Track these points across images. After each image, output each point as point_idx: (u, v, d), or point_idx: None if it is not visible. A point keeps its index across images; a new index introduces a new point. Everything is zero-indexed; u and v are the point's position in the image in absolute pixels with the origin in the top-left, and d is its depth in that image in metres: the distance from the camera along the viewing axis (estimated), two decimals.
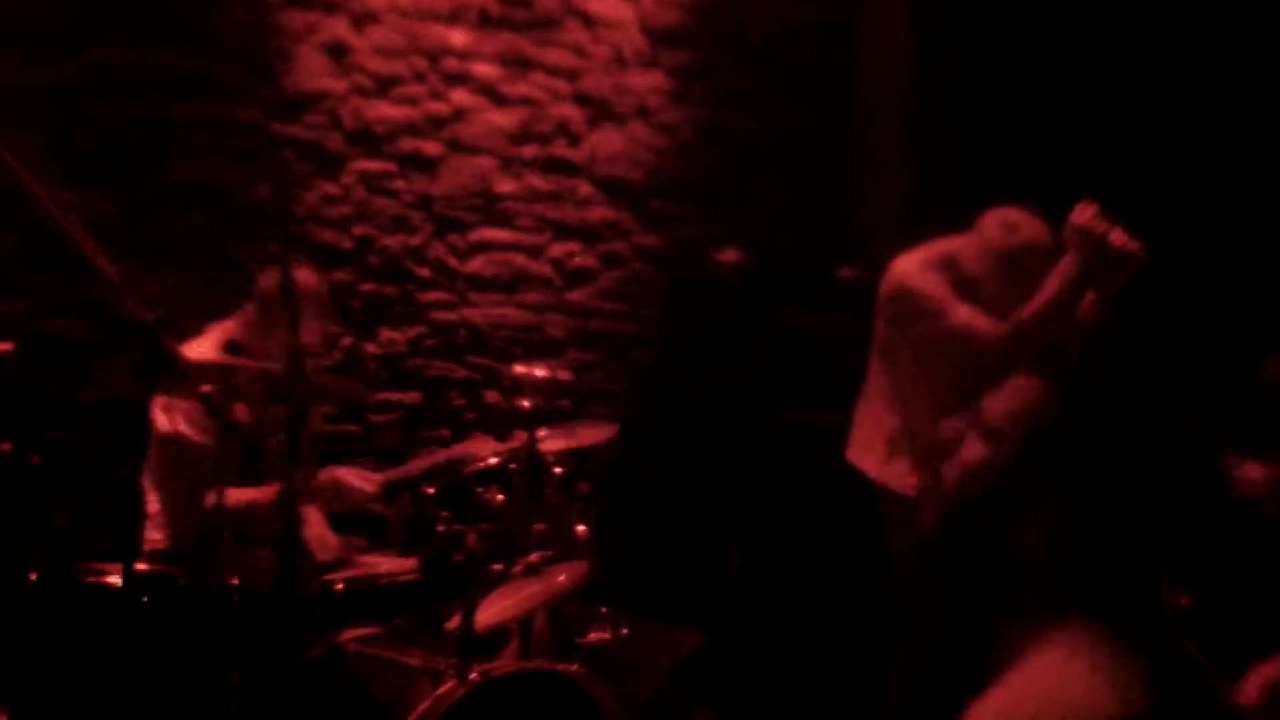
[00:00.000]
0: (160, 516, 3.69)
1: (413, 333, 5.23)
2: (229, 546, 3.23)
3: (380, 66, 5.10)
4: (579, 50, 5.55)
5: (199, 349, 3.77)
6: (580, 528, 3.81)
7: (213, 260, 4.71)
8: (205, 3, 4.74)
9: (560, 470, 3.81)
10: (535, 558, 3.58)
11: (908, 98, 6.05)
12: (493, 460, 3.69)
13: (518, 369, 3.92)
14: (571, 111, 5.55)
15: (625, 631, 4.00)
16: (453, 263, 5.30)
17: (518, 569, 3.53)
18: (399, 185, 5.17)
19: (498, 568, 3.48)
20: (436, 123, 5.24)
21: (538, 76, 5.46)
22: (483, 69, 5.33)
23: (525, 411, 3.78)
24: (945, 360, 3.85)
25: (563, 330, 5.58)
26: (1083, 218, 3.70)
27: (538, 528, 3.67)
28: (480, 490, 3.60)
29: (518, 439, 3.77)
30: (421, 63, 5.19)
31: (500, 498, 3.60)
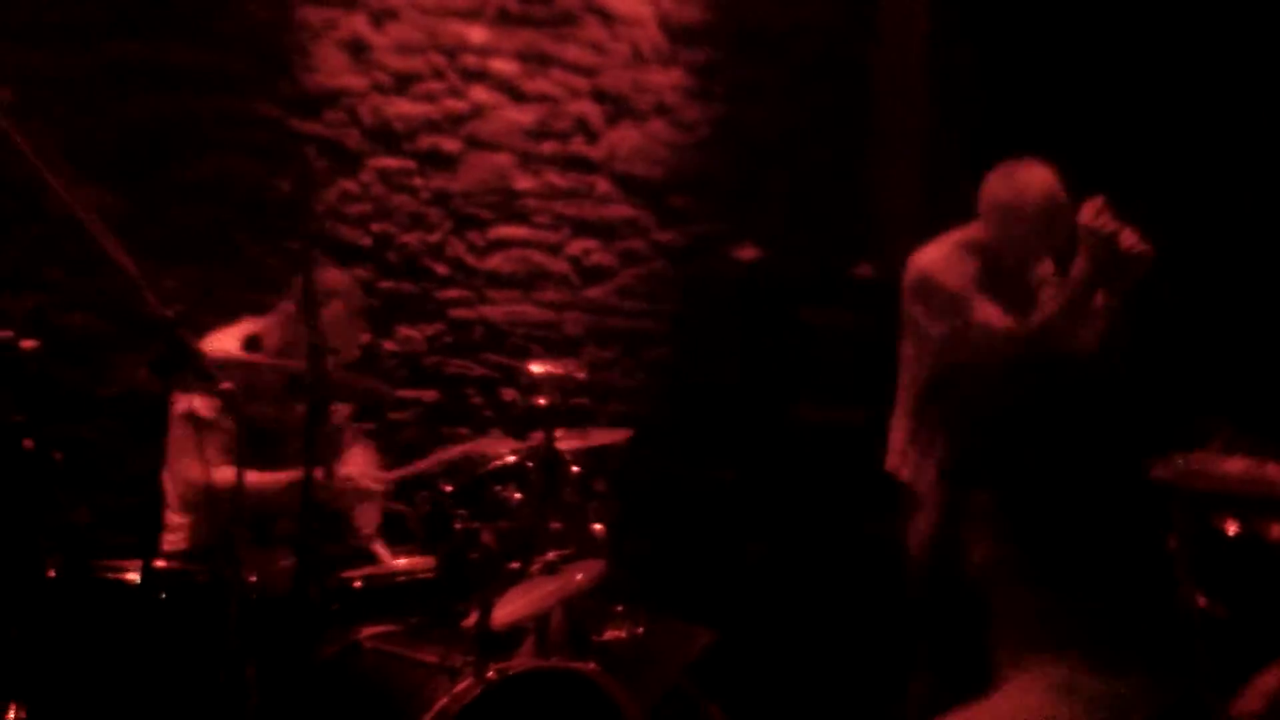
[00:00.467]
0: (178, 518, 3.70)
1: (431, 330, 5.24)
2: (247, 543, 3.25)
3: (399, 63, 5.11)
4: (598, 47, 5.54)
5: (220, 343, 3.79)
6: (597, 526, 3.81)
7: (230, 256, 4.72)
8: None
9: (577, 468, 3.81)
10: (552, 556, 3.59)
11: (925, 94, 6.03)
12: (510, 458, 3.68)
13: (534, 368, 3.91)
14: (590, 108, 5.55)
15: (641, 629, 4.00)
16: (471, 260, 5.31)
17: (535, 567, 3.54)
18: (417, 182, 5.18)
19: (515, 566, 3.48)
20: (455, 120, 5.24)
21: (556, 73, 5.46)
22: (501, 66, 5.33)
23: (542, 410, 3.78)
24: (961, 356, 3.87)
25: (580, 328, 5.57)
26: (1092, 218, 3.71)
27: (554, 526, 3.68)
28: (497, 488, 3.60)
29: (535, 437, 3.78)
30: (440, 59, 5.20)
31: (517, 496, 3.60)
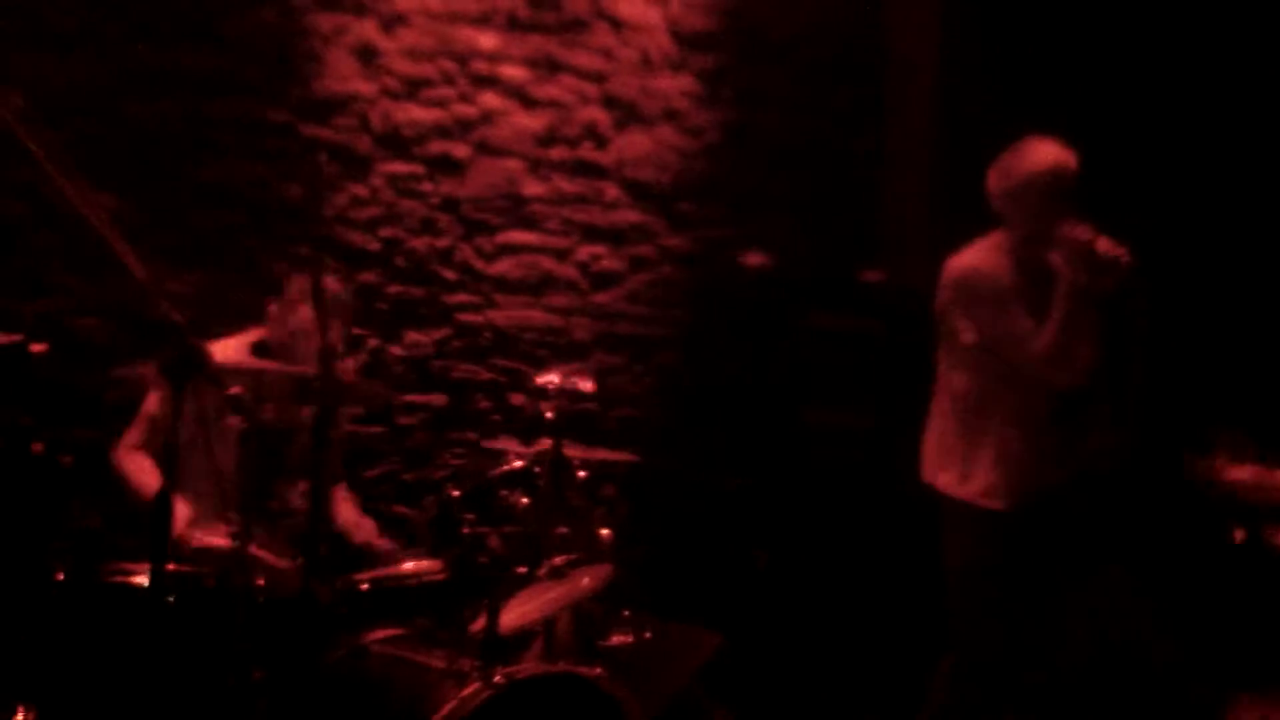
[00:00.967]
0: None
1: (439, 335, 5.25)
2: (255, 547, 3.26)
3: (409, 69, 5.12)
4: (607, 53, 5.56)
5: (226, 350, 3.81)
6: (604, 531, 3.82)
7: (241, 261, 4.74)
8: (234, 5, 4.77)
9: (584, 473, 3.82)
10: (559, 560, 3.59)
11: (934, 99, 6.04)
12: (518, 463, 3.69)
13: (540, 379, 3.92)
14: (599, 114, 5.56)
15: (648, 634, 4.00)
16: (479, 265, 5.32)
17: (542, 571, 3.54)
18: (427, 187, 5.19)
19: (522, 570, 3.49)
20: (465, 125, 5.25)
21: (566, 79, 5.47)
22: (511, 71, 5.34)
23: (550, 422, 3.79)
24: (1000, 362, 3.91)
25: (589, 333, 5.58)
26: (1069, 228, 3.80)
27: (561, 530, 3.68)
28: (505, 493, 3.61)
29: (543, 442, 3.78)
30: (450, 65, 5.21)
31: (525, 501, 3.61)
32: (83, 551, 3.19)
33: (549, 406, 3.85)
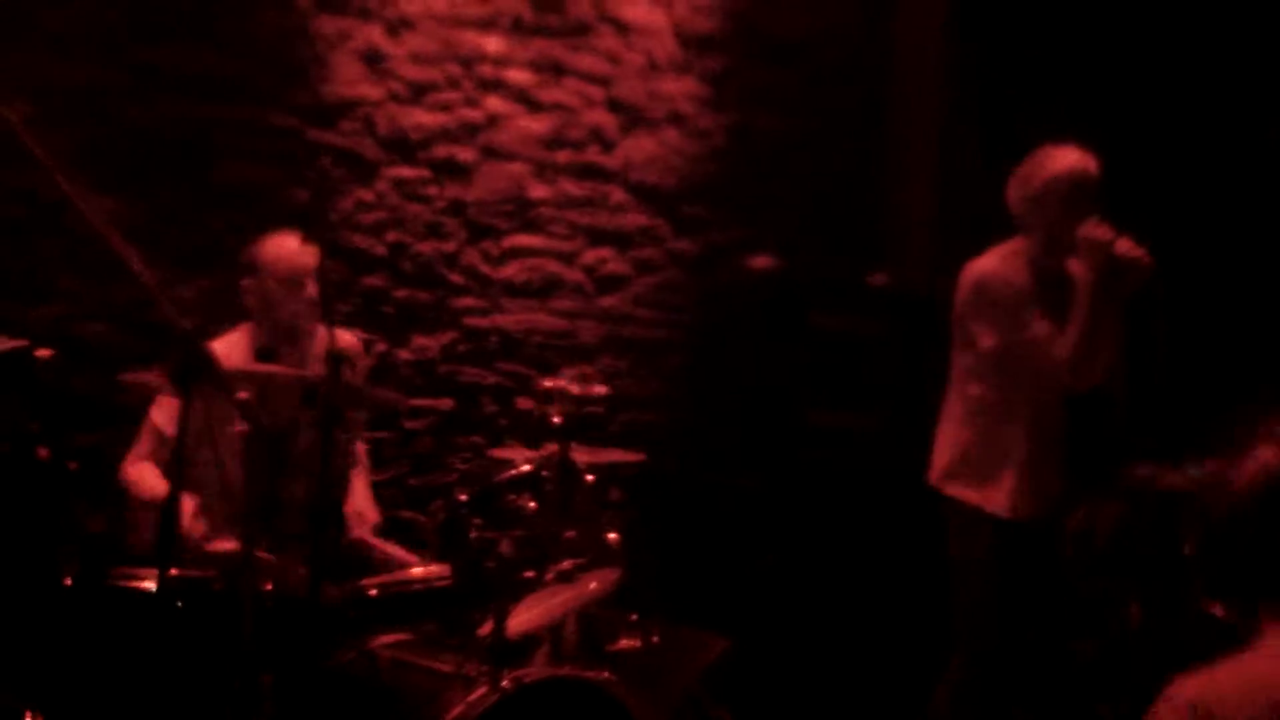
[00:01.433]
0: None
1: (445, 339, 5.25)
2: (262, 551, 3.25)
3: (415, 73, 5.12)
4: (612, 57, 5.55)
5: (224, 352, 3.80)
6: (611, 534, 3.81)
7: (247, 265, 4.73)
8: (240, 8, 4.77)
9: (592, 477, 3.82)
10: (567, 564, 3.59)
11: (941, 101, 6.03)
12: (525, 467, 3.69)
13: (547, 383, 3.92)
14: (605, 117, 5.56)
15: (656, 638, 4.00)
16: (486, 269, 5.32)
17: (549, 576, 3.54)
18: (433, 191, 5.19)
19: (529, 574, 3.48)
20: (470, 129, 5.25)
21: (571, 83, 5.47)
22: (517, 75, 5.34)
23: (557, 426, 3.79)
24: (1016, 368, 3.90)
25: (595, 336, 5.58)
26: (1089, 229, 3.78)
27: (569, 534, 3.68)
28: (512, 497, 3.61)
29: (550, 446, 3.78)
30: (456, 69, 5.21)
31: (532, 505, 3.61)
32: (90, 556, 3.19)
33: (556, 410, 3.85)
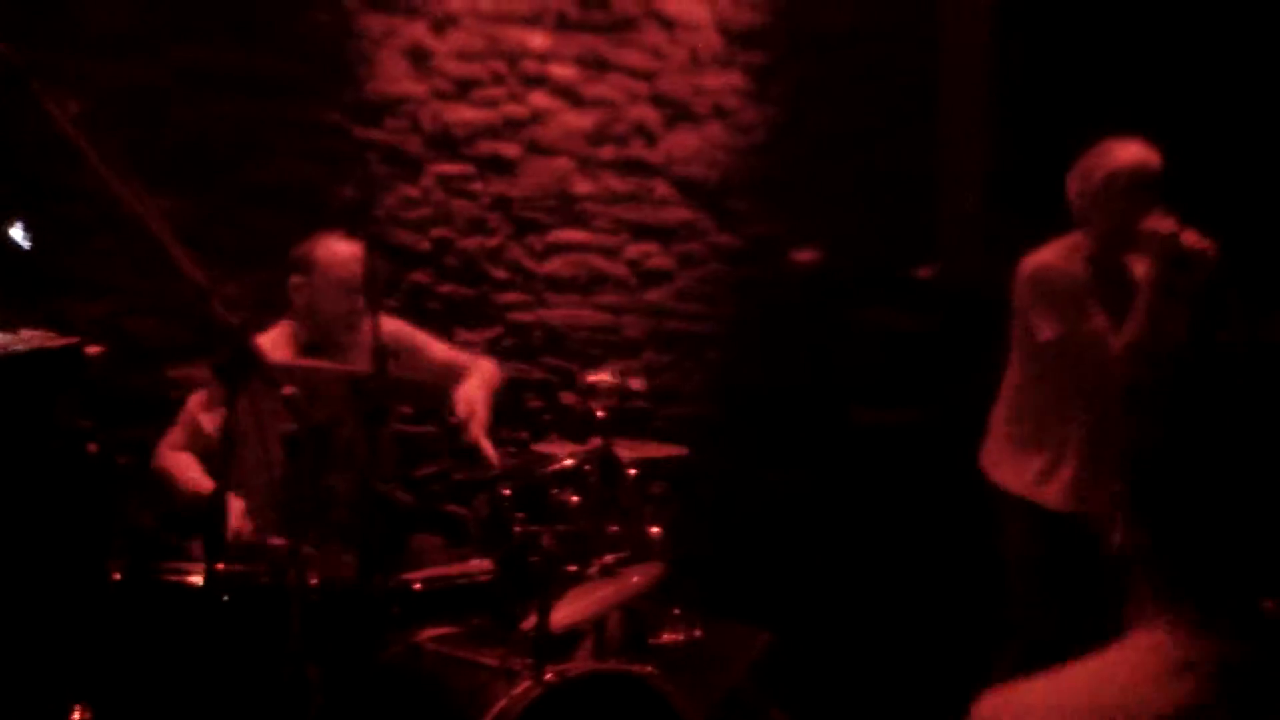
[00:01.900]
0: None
1: (490, 334, 5.27)
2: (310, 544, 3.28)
3: (460, 70, 5.14)
4: (656, 51, 5.56)
5: (268, 348, 3.84)
6: (654, 529, 3.82)
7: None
8: (287, 6, 4.81)
9: (635, 472, 3.83)
10: (610, 559, 3.60)
11: (989, 93, 5.99)
12: (568, 462, 3.70)
13: (591, 378, 3.94)
14: (649, 112, 5.56)
15: (699, 632, 4.00)
16: (530, 264, 5.34)
17: (592, 570, 3.55)
18: (477, 187, 5.21)
19: (573, 569, 3.50)
20: (515, 125, 5.27)
21: (615, 78, 5.47)
22: (561, 71, 5.35)
23: (601, 421, 3.81)
24: (1075, 361, 3.88)
25: (639, 331, 5.59)
26: (1152, 221, 3.75)
27: (612, 529, 3.69)
28: (556, 492, 3.62)
29: (593, 441, 3.80)
30: (500, 65, 5.23)
31: (575, 499, 3.62)
32: (139, 551, 3.23)
33: (599, 405, 3.86)
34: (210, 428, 3.77)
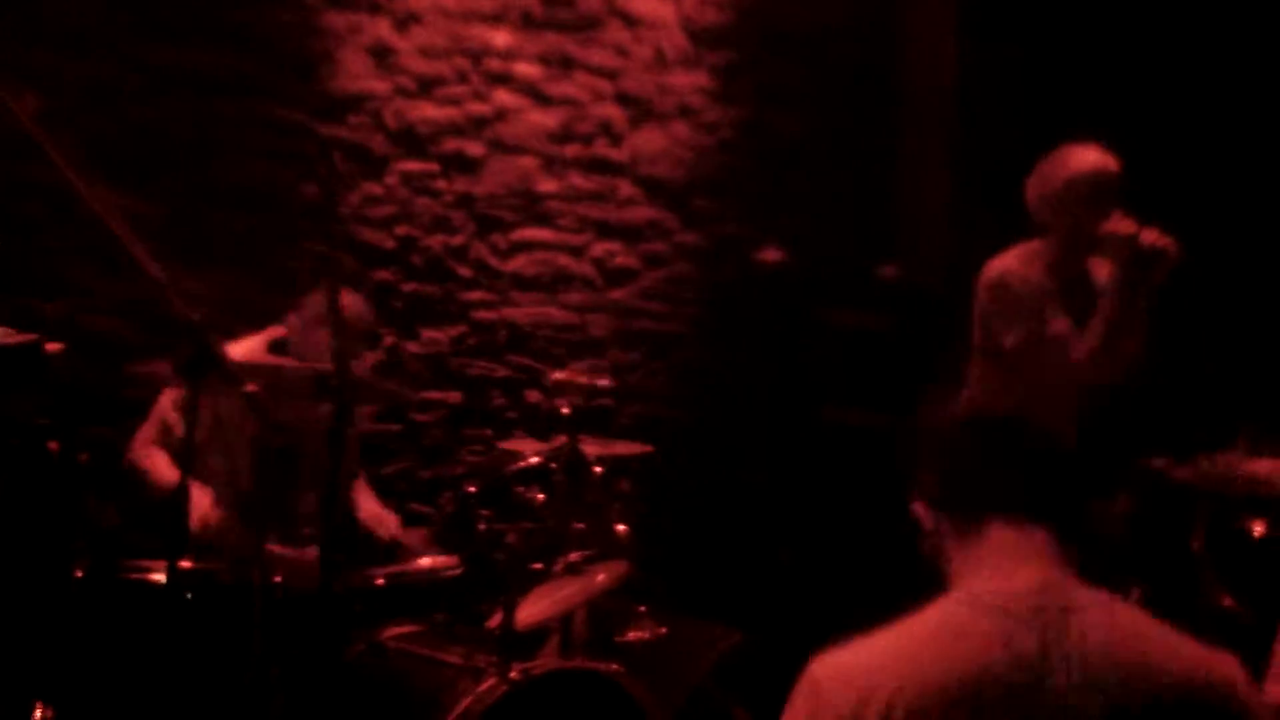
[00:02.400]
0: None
1: (455, 332, 5.25)
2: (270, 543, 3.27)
3: (423, 67, 5.12)
4: (621, 50, 5.55)
5: (243, 349, 3.81)
6: (620, 527, 3.82)
7: (256, 260, 4.74)
8: (249, 4, 4.77)
9: (601, 470, 3.82)
10: (575, 557, 3.59)
11: (953, 94, 6.02)
12: (534, 460, 3.69)
13: (557, 375, 3.93)
14: (613, 111, 5.55)
15: (665, 630, 4.00)
16: (494, 262, 5.32)
17: (558, 568, 3.54)
18: (441, 185, 5.19)
19: (538, 566, 3.49)
20: (479, 123, 5.25)
21: (580, 76, 5.47)
22: (525, 69, 5.34)
23: (566, 417, 3.80)
24: (1037, 366, 3.90)
25: (604, 330, 5.58)
26: (1112, 223, 3.78)
27: (578, 526, 3.68)
28: (521, 489, 3.61)
29: (559, 439, 3.79)
30: (464, 63, 5.21)
31: (541, 497, 3.61)
32: (101, 549, 3.20)
33: (565, 403, 3.85)
34: (180, 428, 3.74)
